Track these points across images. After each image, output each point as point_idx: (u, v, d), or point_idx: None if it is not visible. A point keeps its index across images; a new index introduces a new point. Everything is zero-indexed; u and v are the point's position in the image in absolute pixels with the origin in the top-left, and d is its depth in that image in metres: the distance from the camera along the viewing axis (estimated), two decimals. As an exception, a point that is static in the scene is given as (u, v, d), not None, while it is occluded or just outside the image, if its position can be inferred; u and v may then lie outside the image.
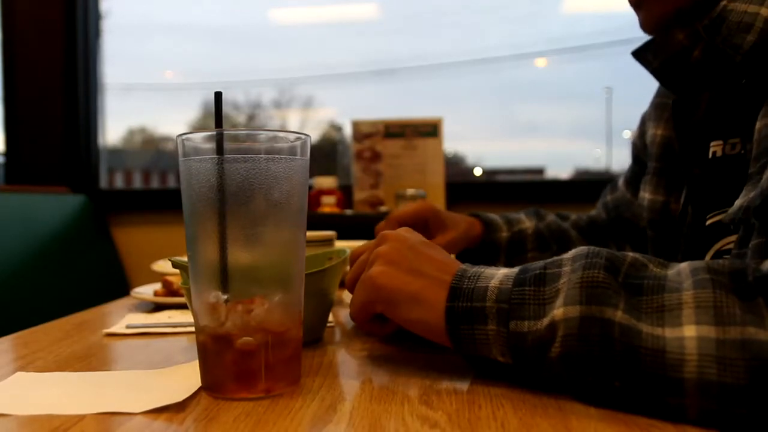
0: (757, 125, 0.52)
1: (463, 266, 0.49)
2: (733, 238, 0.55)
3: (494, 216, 0.97)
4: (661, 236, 0.85)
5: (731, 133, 0.64)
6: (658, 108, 0.85)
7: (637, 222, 0.91)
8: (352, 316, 0.54)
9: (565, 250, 1.01)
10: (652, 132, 0.85)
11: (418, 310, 0.48)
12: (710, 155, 0.66)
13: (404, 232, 0.54)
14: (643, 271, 0.43)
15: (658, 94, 0.87)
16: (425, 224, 0.91)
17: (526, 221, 0.99)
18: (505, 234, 0.96)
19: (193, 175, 0.45)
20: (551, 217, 1.00)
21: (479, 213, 0.97)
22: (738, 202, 0.51)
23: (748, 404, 0.36)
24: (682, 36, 0.74)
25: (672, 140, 0.81)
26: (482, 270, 0.48)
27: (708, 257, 0.64)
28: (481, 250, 0.95)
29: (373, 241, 0.56)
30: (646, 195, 0.87)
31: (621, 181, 0.99)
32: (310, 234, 0.55)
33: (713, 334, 0.37)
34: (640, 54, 0.77)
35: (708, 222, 0.65)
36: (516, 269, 0.47)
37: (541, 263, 0.46)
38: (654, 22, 0.69)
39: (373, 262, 0.52)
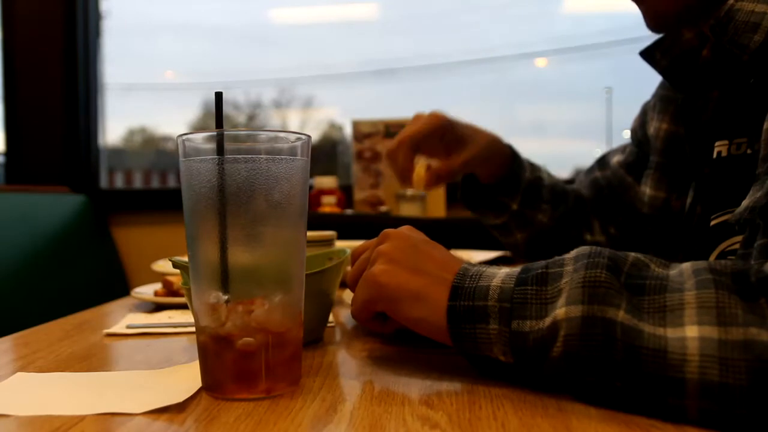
0: (765, 125, 0.51)
1: (465, 265, 0.49)
2: (738, 238, 0.55)
3: (520, 154, 0.92)
4: (661, 233, 0.85)
5: (738, 133, 0.63)
6: (663, 100, 0.84)
7: (640, 208, 0.89)
8: (354, 315, 0.54)
9: (567, 214, 0.99)
10: (657, 125, 0.84)
11: (420, 309, 0.48)
12: (715, 155, 0.66)
13: (406, 230, 0.54)
14: (645, 271, 0.43)
15: (663, 86, 0.85)
16: (440, 139, 0.83)
17: (544, 172, 0.96)
18: (528, 175, 0.92)
19: (193, 175, 0.45)
20: (557, 178, 0.99)
21: (510, 144, 0.92)
22: (745, 202, 0.50)
23: (749, 405, 0.36)
24: (691, 35, 0.74)
25: (677, 136, 0.81)
26: (484, 269, 0.48)
27: (712, 258, 0.64)
28: (502, 184, 0.90)
29: (374, 239, 0.56)
30: (646, 190, 0.86)
31: (615, 162, 0.97)
32: (310, 234, 0.55)
33: (715, 334, 0.37)
34: (647, 53, 0.76)
35: (713, 223, 0.65)
36: (518, 269, 0.47)
37: (542, 262, 0.46)
38: (656, 19, 0.68)
39: (375, 261, 0.52)
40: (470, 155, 0.84)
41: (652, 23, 0.69)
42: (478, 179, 0.92)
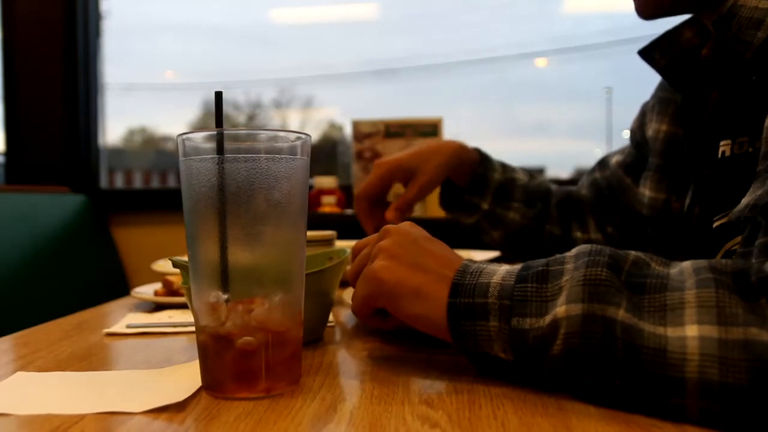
0: (766, 122, 0.51)
1: (465, 262, 0.49)
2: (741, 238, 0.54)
3: (492, 157, 0.99)
4: (662, 234, 0.85)
5: (740, 132, 0.63)
6: (662, 102, 0.84)
7: (639, 210, 0.89)
8: (354, 311, 0.54)
9: (545, 212, 1.04)
10: (656, 127, 0.84)
11: (420, 305, 0.48)
12: (719, 155, 0.65)
13: (407, 226, 0.54)
14: (645, 270, 0.43)
15: (662, 88, 0.85)
16: (395, 180, 0.91)
17: (520, 173, 1.00)
18: (498, 176, 0.97)
19: (193, 174, 0.45)
20: (541, 178, 1.03)
21: (479, 148, 0.98)
22: (745, 200, 0.50)
23: (749, 405, 0.36)
24: (691, 34, 0.73)
25: (677, 138, 0.80)
26: (484, 266, 0.48)
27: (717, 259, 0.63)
28: (470, 185, 0.95)
29: (375, 235, 0.56)
30: (646, 192, 0.86)
31: (614, 163, 0.97)
32: (310, 234, 0.55)
33: (715, 334, 0.37)
34: (646, 52, 0.76)
35: (716, 224, 0.65)
36: (518, 266, 0.47)
37: (543, 261, 0.46)
38: (649, 7, 0.68)
39: (376, 257, 0.52)
40: (421, 182, 0.90)
41: (645, 11, 0.68)
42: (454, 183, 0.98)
